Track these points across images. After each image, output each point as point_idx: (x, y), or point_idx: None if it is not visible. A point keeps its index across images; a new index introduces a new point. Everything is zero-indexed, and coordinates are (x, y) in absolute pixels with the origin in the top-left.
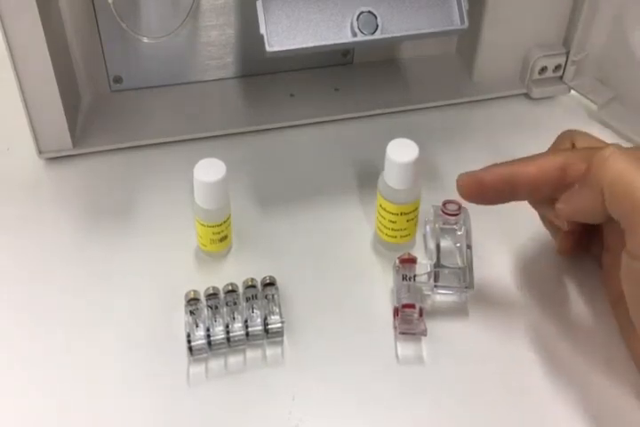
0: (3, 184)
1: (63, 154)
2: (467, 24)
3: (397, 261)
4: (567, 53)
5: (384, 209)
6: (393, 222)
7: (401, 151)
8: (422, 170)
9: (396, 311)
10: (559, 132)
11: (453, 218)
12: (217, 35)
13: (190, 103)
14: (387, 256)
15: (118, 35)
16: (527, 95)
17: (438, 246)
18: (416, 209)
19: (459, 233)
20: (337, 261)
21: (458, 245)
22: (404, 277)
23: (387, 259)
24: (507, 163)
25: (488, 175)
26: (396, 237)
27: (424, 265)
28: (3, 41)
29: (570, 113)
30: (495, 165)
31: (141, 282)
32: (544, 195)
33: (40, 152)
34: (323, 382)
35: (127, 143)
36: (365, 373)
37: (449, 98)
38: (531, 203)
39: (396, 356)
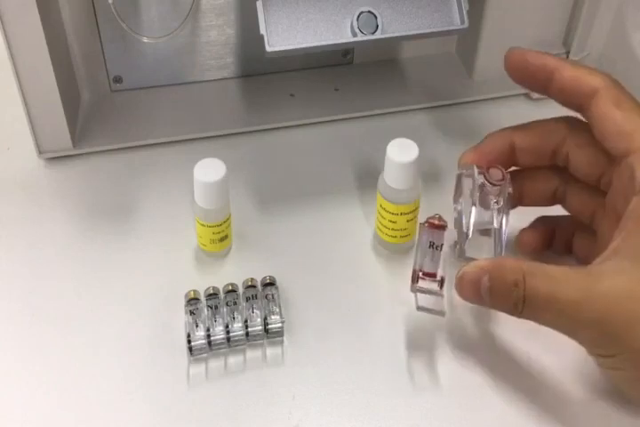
0: (3, 184)
1: (63, 154)
2: (467, 24)
3: (426, 225)
4: (567, 53)
5: (384, 209)
6: (393, 222)
7: (401, 151)
8: (422, 170)
9: (414, 275)
10: None
11: (496, 188)
12: (217, 35)
13: (190, 103)
14: (387, 256)
15: (118, 35)
16: (527, 95)
17: (472, 217)
18: (416, 209)
19: (496, 206)
20: (337, 261)
21: (493, 215)
22: (430, 244)
23: (387, 259)
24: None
25: (534, 57)
26: (396, 237)
27: (452, 232)
28: (3, 41)
29: (570, 113)
30: (543, 53)
31: (141, 282)
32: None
33: (40, 152)
34: (323, 382)
35: (127, 143)
36: (365, 372)
37: (449, 98)
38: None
39: (399, 356)
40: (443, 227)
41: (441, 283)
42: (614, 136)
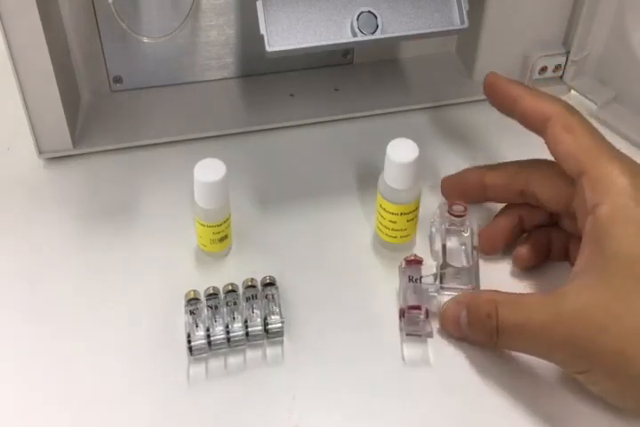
0: (3, 184)
1: (63, 154)
2: (467, 24)
3: (403, 263)
4: (567, 53)
5: (384, 209)
6: (393, 222)
7: (401, 151)
8: (422, 170)
9: (401, 313)
10: None
11: (459, 219)
12: (217, 35)
13: (190, 103)
14: (387, 256)
15: (118, 35)
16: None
17: (444, 247)
18: (416, 209)
19: (464, 234)
20: (337, 262)
21: (463, 247)
22: (410, 279)
23: (387, 259)
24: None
25: (502, 85)
26: (396, 237)
27: (430, 266)
28: (3, 41)
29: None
30: (510, 81)
31: (141, 282)
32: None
33: (40, 152)
34: (323, 382)
35: (127, 143)
36: (366, 372)
37: (449, 98)
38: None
39: (399, 356)
40: (419, 262)
41: (426, 313)
42: (566, 159)
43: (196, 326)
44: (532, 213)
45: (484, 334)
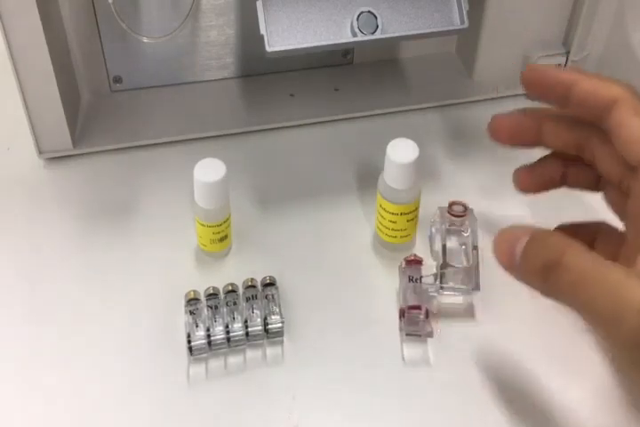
0: (3, 184)
1: (63, 154)
2: (467, 24)
3: (403, 263)
4: (567, 53)
5: (384, 209)
6: (393, 222)
7: (401, 151)
8: (422, 170)
9: (401, 313)
10: None
11: (459, 219)
12: (217, 35)
13: (190, 103)
14: (387, 256)
15: (118, 35)
16: (527, 95)
17: (444, 247)
18: (416, 209)
19: (464, 234)
20: (337, 262)
21: (463, 247)
22: (409, 279)
23: (387, 259)
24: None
25: (552, 72)
26: (396, 237)
27: (430, 266)
28: (3, 41)
29: None
30: (559, 68)
31: (141, 282)
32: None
33: (40, 152)
34: (323, 382)
35: (127, 143)
36: (366, 373)
37: (449, 98)
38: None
39: (399, 356)
40: (419, 262)
41: (426, 313)
42: (632, 144)
43: (196, 326)
44: (578, 173)
45: (538, 266)
